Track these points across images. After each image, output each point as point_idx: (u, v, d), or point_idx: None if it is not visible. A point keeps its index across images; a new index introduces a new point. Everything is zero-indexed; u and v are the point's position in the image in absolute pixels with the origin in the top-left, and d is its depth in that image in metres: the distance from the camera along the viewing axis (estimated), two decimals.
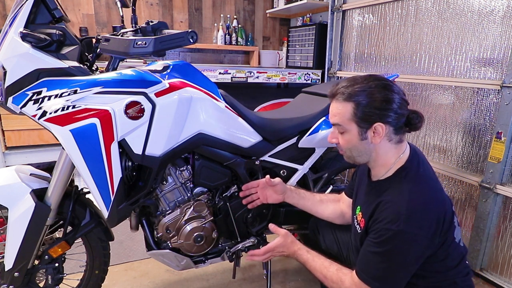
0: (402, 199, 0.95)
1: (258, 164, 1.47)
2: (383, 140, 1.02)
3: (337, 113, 1.04)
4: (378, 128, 1.00)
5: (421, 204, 0.94)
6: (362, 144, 1.03)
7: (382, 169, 1.06)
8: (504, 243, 1.76)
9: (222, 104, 1.32)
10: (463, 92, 1.89)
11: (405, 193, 0.96)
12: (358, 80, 1.03)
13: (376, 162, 1.06)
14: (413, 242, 0.93)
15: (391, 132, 1.01)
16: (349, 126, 1.02)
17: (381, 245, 0.96)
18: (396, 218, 0.93)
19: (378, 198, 1.02)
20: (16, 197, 1.18)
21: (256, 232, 1.53)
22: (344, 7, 2.74)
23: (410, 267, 0.97)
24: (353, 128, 1.02)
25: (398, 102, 0.99)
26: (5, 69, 1.04)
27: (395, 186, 1.00)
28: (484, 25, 1.75)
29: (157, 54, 1.10)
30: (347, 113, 1.01)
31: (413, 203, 0.94)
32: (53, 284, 1.31)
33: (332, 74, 2.98)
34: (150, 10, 3.54)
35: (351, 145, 1.05)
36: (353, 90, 1.01)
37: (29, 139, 2.58)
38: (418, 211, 0.93)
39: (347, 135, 1.04)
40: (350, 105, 1.01)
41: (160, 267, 1.86)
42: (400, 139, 1.04)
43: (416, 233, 0.92)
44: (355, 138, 1.03)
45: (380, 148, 1.03)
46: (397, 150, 1.04)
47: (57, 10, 1.13)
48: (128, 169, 1.22)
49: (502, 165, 1.69)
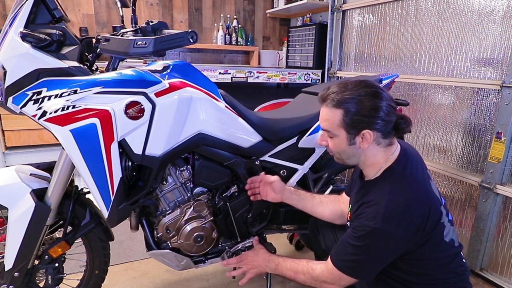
0: (383, 198, 0.99)
1: (258, 164, 1.47)
2: (371, 144, 1.05)
3: (326, 119, 1.07)
4: (366, 135, 1.02)
5: (401, 204, 0.97)
6: (350, 149, 1.07)
7: (372, 170, 1.09)
8: (504, 243, 1.76)
9: (222, 104, 1.32)
10: (463, 92, 1.89)
11: (386, 193, 1.00)
12: (349, 86, 1.04)
13: (365, 164, 1.10)
14: (389, 240, 0.97)
15: (379, 137, 1.04)
16: (338, 132, 1.05)
17: (358, 240, 1.01)
18: (375, 216, 0.97)
19: (364, 198, 1.06)
20: (16, 197, 1.18)
21: (256, 232, 1.53)
22: (344, 7, 2.74)
23: (384, 260, 1.02)
24: (342, 133, 1.05)
25: (386, 109, 1.02)
26: (5, 69, 1.04)
27: (379, 186, 1.04)
28: (484, 25, 1.75)
29: (157, 54, 1.10)
30: (336, 119, 1.04)
31: (393, 203, 0.97)
32: (53, 284, 1.31)
33: (332, 74, 2.98)
34: (150, 10, 3.54)
35: (340, 149, 1.09)
36: (342, 97, 1.03)
37: (29, 139, 2.58)
38: (396, 211, 0.97)
39: (336, 139, 1.07)
40: (340, 112, 1.03)
41: (160, 267, 1.86)
42: (390, 142, 1.07)
43: (392, 232, 0.96)
44: (344, 143, 1.06)
45: (369, 151, 1.06)
46: (386, 153, 1.07)
47: (57, 10, 1.13)
48: (128, 169, 1.22)
49: (502, 165, 1.69)
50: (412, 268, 1.05)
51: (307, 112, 1.56)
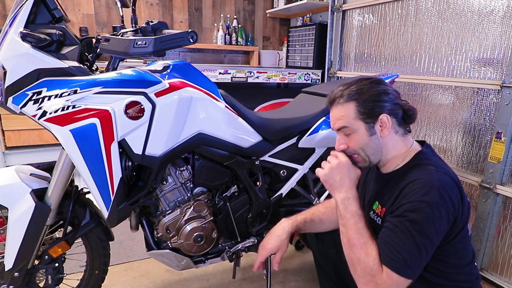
0: (430, 175, 0.94)
1: (258, 164, 1.47)
2: (390, 133, 1.03)
3: (340, 116, 1.04)
4: (384, 120, 1.01)
5: (448, 179, 0.94)
6: (372, 140, 1.03)
7: (395, 161, 1.06)
8: (504, 243, 1.76)
9: (222, 104, 1.32)
10: (463, 92, 1.89)
11: (431, 170, 0.96)
12: (351, 83, 1.05)
13: (388, 157, 1.06)
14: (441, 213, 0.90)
15: (395, 124, 1.04)
16: (356, 125, 1.03)
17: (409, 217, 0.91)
18: (428, 191, 0.91)
19: (402, 182, 0.99)
20: (16, 197, 1.18)
21: (256, 232, 1.53)
22: (344, 7, 2.74)
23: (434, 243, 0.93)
24: (360, 126, 1.02)
25: (393, 93, 1.04)
26: (5, 69, 1.04)
27: (418, 167, 1.00)
28: (484, 25, 1.75)
29: (157, 54, 1.10)
30: (351, 112, 1.02)
31: (441, 177, 0.93)
32: (53, 284, 1.31)
33: (332, 74, 2.98)
34: (150, 10, 3.54)
35: (363, 143, 1.04)
36: (350, 91, 1.03)
37: (29, 139, 2.59)
38: (446, 185, 0.92)
39: (356, 135, 1.04)
40: (352, 104, 1.02)
41: (160, 267, 1.86)
42: (405, 132, 1.07)
43: (444, 205, 0.90)
44: (365, 136, 1.03)
45: (389, 142, 1.04)
46: (405, 143, 1.06)
47: (57, 10, 1.13)
48: (128, 169, 1.22)
49: (502, 165, 1.69)
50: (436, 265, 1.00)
51: (307, 112, 1.56)
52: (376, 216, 1.08)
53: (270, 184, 1.58)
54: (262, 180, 1.51)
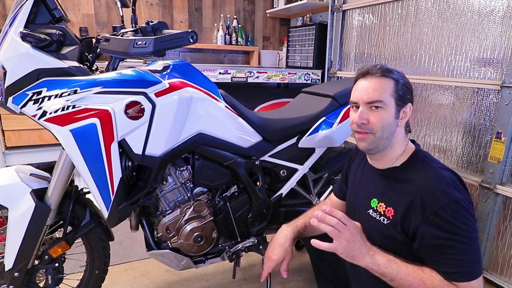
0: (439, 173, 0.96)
1: (258, 164, 1.47)
2: (402, 125, 1.04)
3: (377, 88, 1.00)
4: (408, 109, 1.03)
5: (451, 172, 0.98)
6: (395, 123, 1.01)
7: (393, 156, 1.06)
8: (504, 243, 1.76)
9: (222, 104, 1.32)
10: (463, 92, 1.89)
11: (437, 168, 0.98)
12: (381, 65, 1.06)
13: (391, 148, 1.05)
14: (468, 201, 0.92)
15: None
16: (389, 102, 1.00)
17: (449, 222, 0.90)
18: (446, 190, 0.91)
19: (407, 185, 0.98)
20: (16, 197, 1.18)
21: (256, 232, 1.53)
22: (344, 7, 2.74)
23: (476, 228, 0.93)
24: (391, 104, 1.00)
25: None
26: (5, 69, 1.04)
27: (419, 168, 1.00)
28: (484, 25, 1.75)
29: (157, 54, 1.10)
30: (389, 88, 1.00)
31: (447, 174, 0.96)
32: (53, 284, 1.31)
33: (332, 74, 2.98)
34: (150, 10, 3.54)
35: (386, 123, 1.00)
36: (388, 70, 1.03)
37: (29, 139, 2.59)
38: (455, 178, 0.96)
39: (383, 112, 1.00)
40: (391, 81, 1.01)
41: (160, 267, 1.86)
42: (408, 130, 1.08)
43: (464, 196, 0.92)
44: (391, 116, 1.01)
45: (398, 133, 1.04)
46: (405, 141, 1.06)
47: (57, 10, 1.13)
48: (128, 169, 1.22)
49: (502, 165, 1.69)
50: None
51: (307, 112, 1.56)
52: (378, 215, 1.05)
53: (270, 184, 1.58)
54: (262, 180, 1.51)
